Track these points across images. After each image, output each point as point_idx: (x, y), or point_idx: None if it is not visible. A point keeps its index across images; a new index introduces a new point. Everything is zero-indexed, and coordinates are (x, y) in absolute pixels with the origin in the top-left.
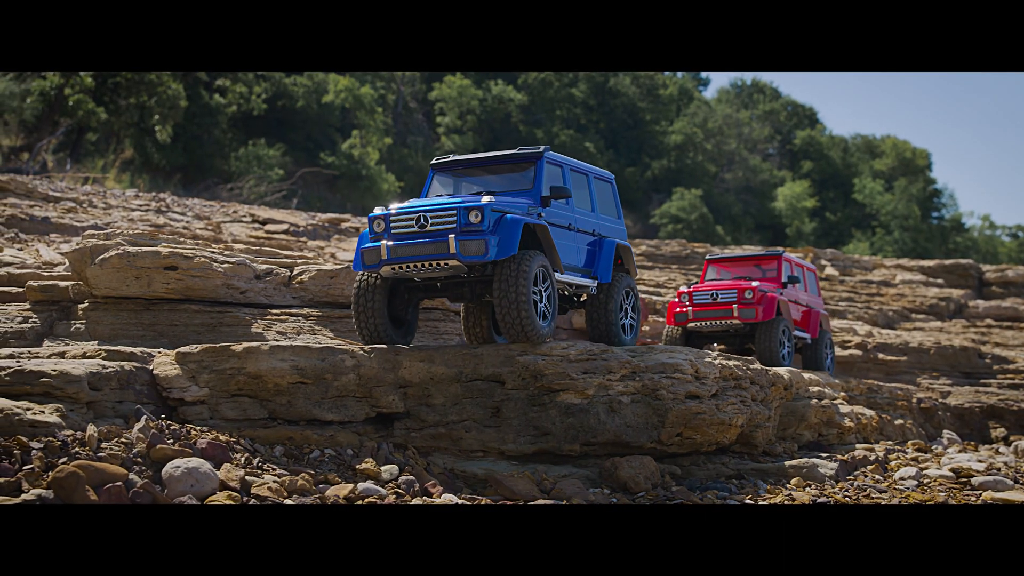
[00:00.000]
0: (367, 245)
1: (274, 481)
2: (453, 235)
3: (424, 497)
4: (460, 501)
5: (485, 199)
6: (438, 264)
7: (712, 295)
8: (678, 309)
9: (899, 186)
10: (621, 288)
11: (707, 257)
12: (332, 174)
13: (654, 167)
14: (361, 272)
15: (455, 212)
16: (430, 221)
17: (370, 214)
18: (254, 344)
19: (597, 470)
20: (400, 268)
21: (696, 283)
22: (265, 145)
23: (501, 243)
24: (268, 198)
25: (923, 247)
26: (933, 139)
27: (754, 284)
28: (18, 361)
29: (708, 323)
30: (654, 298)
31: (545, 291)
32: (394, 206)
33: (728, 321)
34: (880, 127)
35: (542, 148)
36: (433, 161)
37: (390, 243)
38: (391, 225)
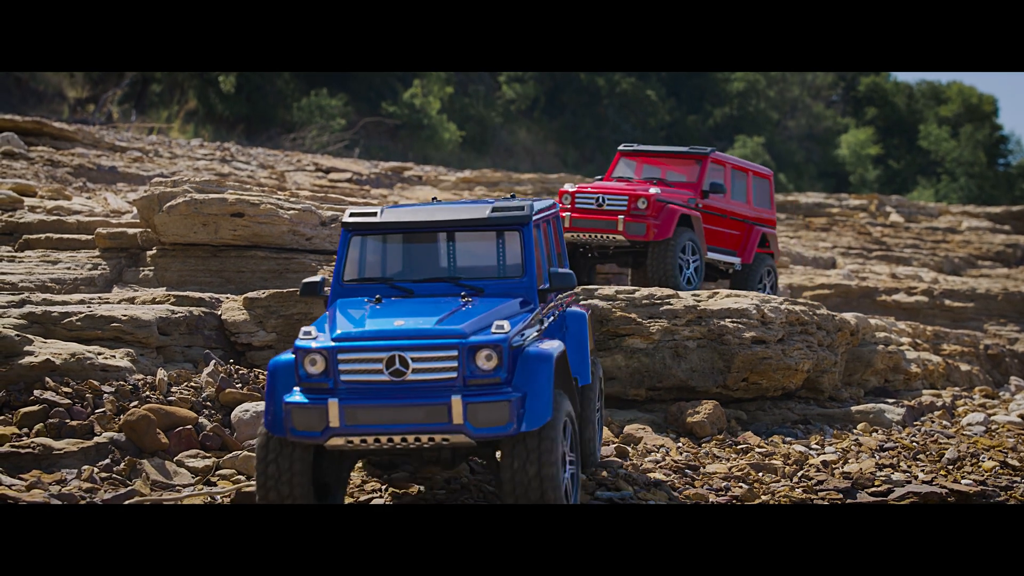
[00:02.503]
0: (292, 400)
1: None
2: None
3: None
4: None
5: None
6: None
7: (598, 199)
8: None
9: (965, 133)
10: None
11: (620, 147)
12: (394, 123)
13: (716, 115)
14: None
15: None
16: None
17: (298, 342)
18: None
19: (663, 415)
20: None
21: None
22: (327, 95)
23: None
24: (330, 148)
25: (989, 194)
26: (999, 85)
27: (652, 191)
28: (89, 307)
29: (589, 235)
30: None
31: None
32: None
33: (611, 236)
34: (946, 73)
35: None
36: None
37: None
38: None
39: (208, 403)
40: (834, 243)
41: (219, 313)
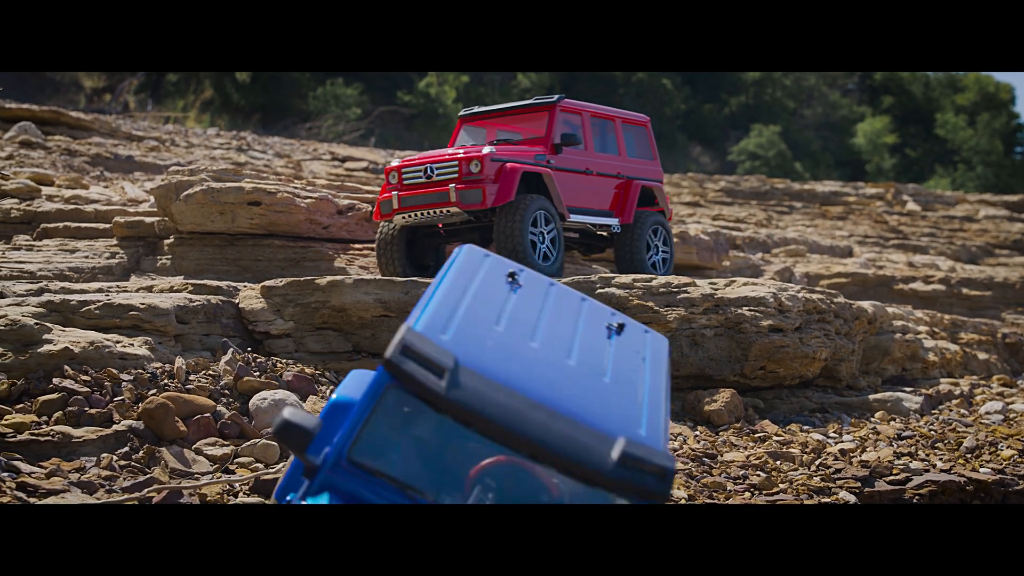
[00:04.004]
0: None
1: None
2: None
3: None
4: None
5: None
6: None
7: (426, 170)
8: (382, 195)
9: (981, 121)
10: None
11: (460, 113)
12: (409, 113)
13: (732, 103)
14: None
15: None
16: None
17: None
18: (338, 278)
19: (680, 403)
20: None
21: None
22: (343, 84)
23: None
24: (346, 137)
25: (1005, 182)
26: (1016, 74)
27: (485, 151)
28: (107, 295)
29: (421, 214)
30: (734, 234)
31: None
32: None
33: (446, 210)
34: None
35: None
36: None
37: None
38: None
39: (226, 391)
40: (851, 232)
41: (236, 302)
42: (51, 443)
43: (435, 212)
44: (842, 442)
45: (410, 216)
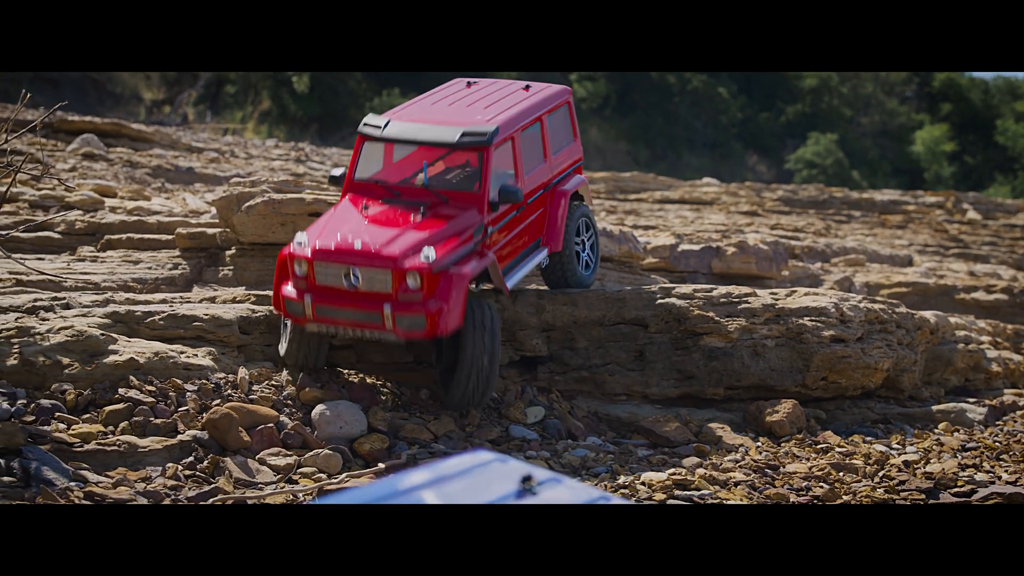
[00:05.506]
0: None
1: (419, 424)
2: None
3: (569, 440)
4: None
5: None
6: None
7: (348, 275)
8: (286, 290)
9: None
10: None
11: (362, 125)
12: None
13: (788, 112)
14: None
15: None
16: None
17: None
18: None
19: (741, 414)
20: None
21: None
22: (399, 95)
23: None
24: None
25: None
26: None
27: (423, 258)
28: (171, 306)
29: (346, 331)
30: (792, 243)
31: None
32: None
33: (379, 334)
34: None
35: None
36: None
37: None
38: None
39: (289, 401)
40: (910, 241)
41: None
42: (117, 453)
43: (365, 334)
44: (905, 453)
45: (329, 329)
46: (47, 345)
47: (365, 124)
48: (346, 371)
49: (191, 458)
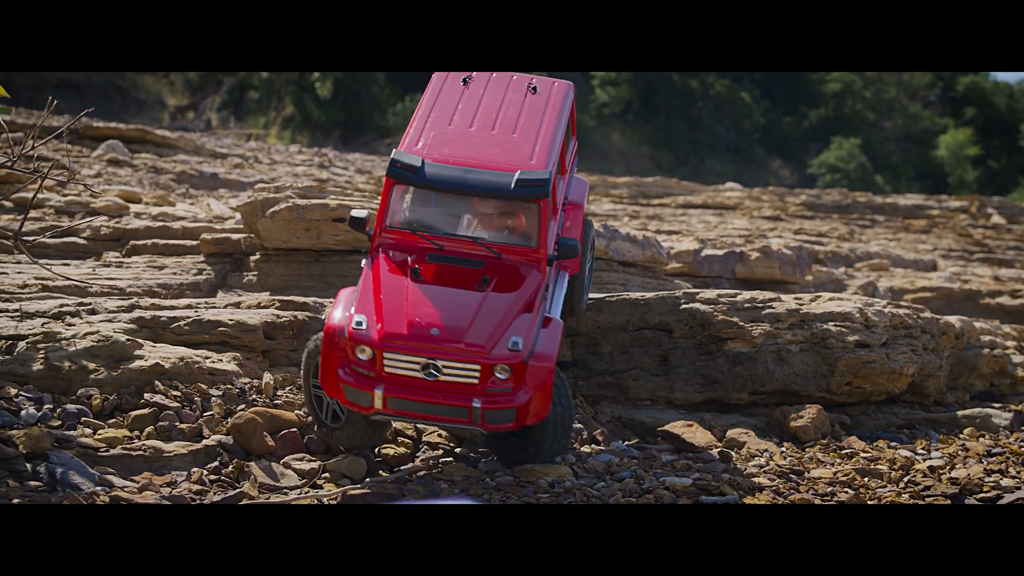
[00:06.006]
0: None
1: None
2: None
3: (592, 445)
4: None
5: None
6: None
7: (428, 368)
8: (344, 376)
9: None
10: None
11: (392, 163)
12: None
13: (812, 116)
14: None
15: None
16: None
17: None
18: None
19: (766, 419)
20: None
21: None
22: None
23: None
24: None
25: None
26: None
27: (511, 346)
28: (196, 311)
29: (420, 420)
30: (816, 248)
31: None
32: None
33: (459, 427)
34: None
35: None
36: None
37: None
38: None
39: None
40: (934, 245)
41: (323, 317)
42: (143, 457)
43: (439, 426)
44: (931, 459)
45: (398, 419)
46: (73, 350)
47: (397, 165)
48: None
49: (216, 463)
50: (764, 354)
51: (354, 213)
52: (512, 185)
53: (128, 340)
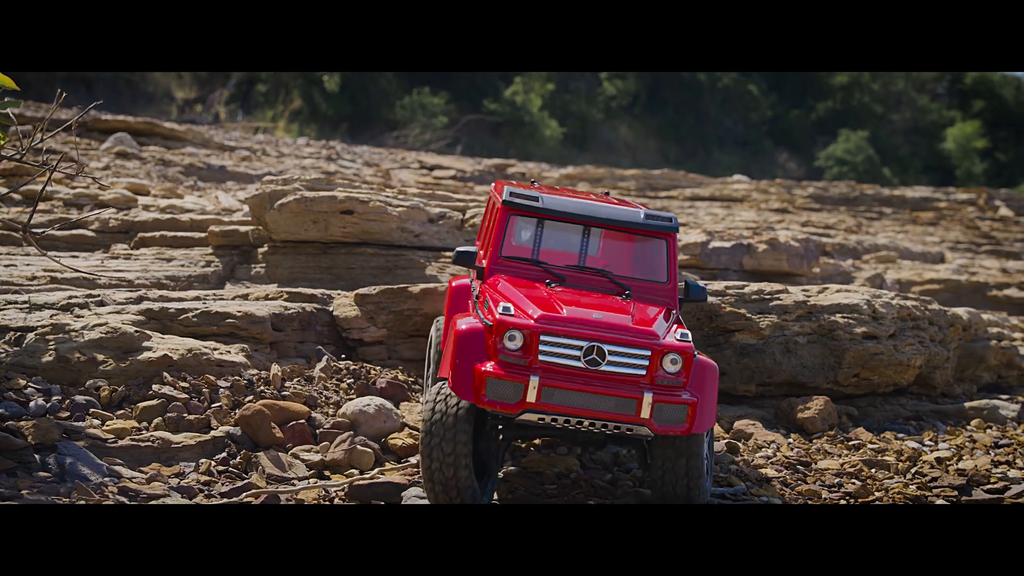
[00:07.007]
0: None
1: None
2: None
3: None
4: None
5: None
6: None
7: (593, 350)
8: (488, 368)
9: None
10: None
11: (507, 196)
12: (495, 121)
13: (819, 109)
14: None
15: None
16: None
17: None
18: (430, 285)
19: (773, 410)
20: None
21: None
22: (429, 93)
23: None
24: (433, 146)
25: None
26: None
27: (679, 336)
28: (204, 303)
29: (572, 422)
30: (823, 240)
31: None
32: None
33: (618, 426)
34: None
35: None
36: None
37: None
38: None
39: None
40: (942, 237)
41: (330, 309)
42: (151, 448)
43: (598, 425)
44: (938, 450)
45: (550, 420)
46: (82, 342)
47: (514, 197)
48: (377, 367)
49: (224, 454)
50: (771, 346)
51: (460, 248)
52: (642, 217)
53: (136, 332)
